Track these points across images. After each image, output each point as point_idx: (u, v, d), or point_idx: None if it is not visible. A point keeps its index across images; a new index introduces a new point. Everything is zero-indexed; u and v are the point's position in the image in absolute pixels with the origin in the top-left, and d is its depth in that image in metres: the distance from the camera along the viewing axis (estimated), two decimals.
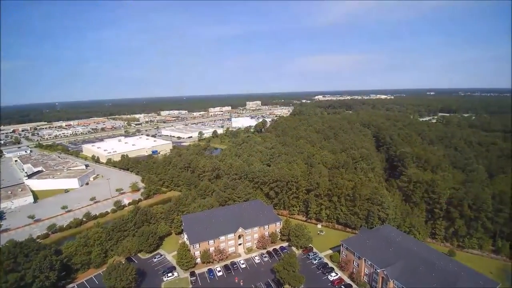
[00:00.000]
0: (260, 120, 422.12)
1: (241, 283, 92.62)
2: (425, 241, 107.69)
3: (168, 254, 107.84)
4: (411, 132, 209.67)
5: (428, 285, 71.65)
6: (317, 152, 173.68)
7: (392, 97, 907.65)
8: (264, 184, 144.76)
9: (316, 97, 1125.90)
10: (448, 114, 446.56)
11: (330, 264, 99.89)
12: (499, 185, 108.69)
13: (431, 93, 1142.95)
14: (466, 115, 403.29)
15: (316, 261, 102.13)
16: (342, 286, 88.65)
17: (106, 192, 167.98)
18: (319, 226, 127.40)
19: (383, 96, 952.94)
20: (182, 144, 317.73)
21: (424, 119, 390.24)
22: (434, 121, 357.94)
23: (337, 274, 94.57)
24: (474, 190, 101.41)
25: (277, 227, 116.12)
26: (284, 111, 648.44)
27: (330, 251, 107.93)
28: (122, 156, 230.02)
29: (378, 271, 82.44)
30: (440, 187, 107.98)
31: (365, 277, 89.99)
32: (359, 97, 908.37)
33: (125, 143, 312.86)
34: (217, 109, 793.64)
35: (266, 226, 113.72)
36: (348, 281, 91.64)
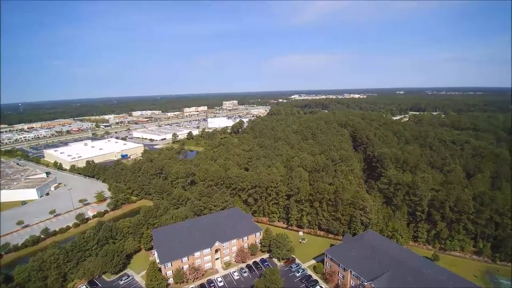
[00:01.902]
0: (237, 120, 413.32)
1: None
2: (407, 245, 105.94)
3: (137, 275, 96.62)
4: (387, 131, 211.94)
5: None
6: (296, 154, 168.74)
7: (365, 96, 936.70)
8: (242, 190, 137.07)
9: (292, 96, 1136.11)
10: (418, 113, 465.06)
11: (314, 276, 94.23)
12: (478, 185, 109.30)
13: (401, 92, 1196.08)
14: (435, 113, 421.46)
15: (299, 273, 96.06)
16: None
17: (68, 204, 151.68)
18: (300, 233, 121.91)
19: (356, 95, 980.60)
20: (155, 147, 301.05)
21: (396, 117, 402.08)
22: (406, 119, 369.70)
23: (321, 287, 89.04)
24: (455, 192, 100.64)
25: (257, 237, 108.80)
26: (261, 110, 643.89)
27: (313, 261, 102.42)
28: (87, 162, 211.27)
29: (365, 284, 77.73)
30: (421, 189, 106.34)
31: None
32: (334, 97, 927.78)
33: (92, 147, 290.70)
34: (193, 109, 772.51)
35: (245, 238, 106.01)
36: None
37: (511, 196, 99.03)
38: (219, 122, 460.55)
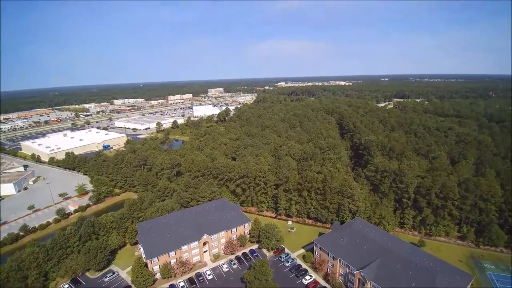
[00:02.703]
0: (223, 108, 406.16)
1: None
2: (394, 231, 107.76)
3: (122, 271, 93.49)
4: (373, 118, 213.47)
5: (406, 285, 68.70)
6: (284, 143, 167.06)
7: (351, 83, 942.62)
8: (229, 180, 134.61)
9: (279, 83, 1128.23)
10: (402, 100, 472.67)
11: (304, 266, 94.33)
12: (462, 172, 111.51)
13: (385, 79, 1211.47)
14: (418, 100, 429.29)
15: (289, 263, 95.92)
16: None
17: (48, 198, 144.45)
18: (289, 222, 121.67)
19: (342, 83, 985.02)
20: (138, 136, 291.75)
21: (381, 104, 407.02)
22: (391, 106, 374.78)
23: (311, 276, 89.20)
24: (441, 179, 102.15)
25: (245, 228, 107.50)
26: (247, 98, 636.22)
27: (302, 250, 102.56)
28: (67, 153, 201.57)
29: (355, 272, 78.21)
30: (407, 177, 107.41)
31: (340, 277, 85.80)
32: (320, 84, 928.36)
33: (72, 138, 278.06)
34: (177, 96, 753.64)
35: (234, 229, 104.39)
36: (323, 283, 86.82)
37: (495, 182, 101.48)
38: (204, 110, 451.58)
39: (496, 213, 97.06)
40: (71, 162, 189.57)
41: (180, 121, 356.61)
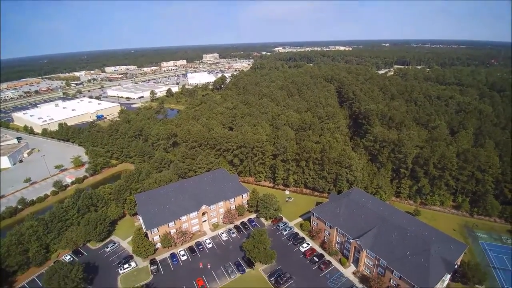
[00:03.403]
0: (219, 75, 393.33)
1: (208, 266, 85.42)
2: (390, 200, 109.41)
3: (123, 241, 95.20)
4: (373, 86, 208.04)
5: (401, 253, 70.59)
6: (282, 112, 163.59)
7: (350, 49, 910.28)
8: (227, 151, 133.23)
9: (276, 48, 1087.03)
10: (403, 66, 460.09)
11: (301, 234, 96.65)
12: (462, 142, 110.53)
13: (386, 45, 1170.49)
14: (419, 67, 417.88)
15: (287, 231, 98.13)
16: (314, 257, 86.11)
17: (44, 170, 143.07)
18: (287, 192, 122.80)
19: (341, 48, 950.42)
20: (132, 106, 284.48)
21: (381, 71, 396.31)
22: (392, 73, 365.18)
23: (308, 244, 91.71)
24: (440, 149, 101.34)
25: (243, 198, 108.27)
26: (244, 64, 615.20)
27: (300, 219, 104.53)
28: (60, 124, 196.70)
29: (351, 241, 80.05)
30: (406, 147, 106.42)
31: (336, 245, 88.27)
32: (319, 49, 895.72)
33: (64, 108, 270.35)
34: (171, 63, 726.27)
35: (232, 199, 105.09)
36: (319, 250, 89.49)
37: (493, 153, 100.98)
38: (199, 77, 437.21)
39: (492, 184, 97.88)
40: (65, 133, 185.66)
41: (175, 89, 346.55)
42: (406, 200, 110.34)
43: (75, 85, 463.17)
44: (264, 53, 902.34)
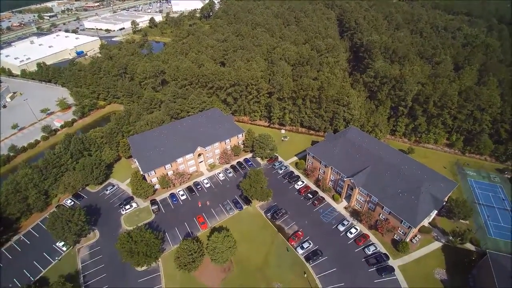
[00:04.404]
0: (207, 1, 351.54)
1: (208, 203, 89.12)
2: (385, 138, 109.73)
3: (122, 183, 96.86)
4: (378, 14, 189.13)
5: (393, 191, 73.20)
6: (278, 45, 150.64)
7: None
8: (220, 89, 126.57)
9: None
10: None
11: (296, 172, 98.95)
12: (465, 79, 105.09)
13: None
14: None
15: (282, 170, 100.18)
16: (308, 194, 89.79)
17: (30, 115, 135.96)
18: (282, 131, 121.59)
19: None
20: (113, 39, 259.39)
21: None
22: None
23: (303, 182, 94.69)
24: (443, 87, 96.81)
25: (239, 139, 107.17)
26: None
27: (295, 158, 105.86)
28: (38, 64, 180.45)
29: (345, 179, 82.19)
30: (408, 84, 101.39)
31: (330, 183, 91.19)
32: None
33: (40, 45, 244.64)
34: None
35: (228, 140, 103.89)
36: (313, 187, 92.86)
37: (495, 91, 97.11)
38: (185, 4, 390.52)
39: (489, 123, 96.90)
40: (45, 73, 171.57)
41: (158, 18, 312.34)
42: (400, 138, 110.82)
43: (48, 17, 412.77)
44: None
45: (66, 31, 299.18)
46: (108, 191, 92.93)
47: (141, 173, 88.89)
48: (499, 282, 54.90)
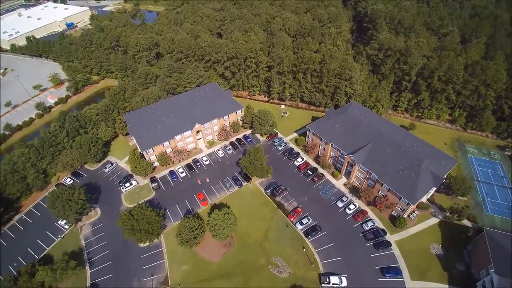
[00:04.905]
0: None
1: (207, 180, 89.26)
2: (386, 114, 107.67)
3: (120, 161, 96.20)
4: None
5: (393, 168, 72.92)
6: (277, 14, 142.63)
7: None
8: (217, 62, 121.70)
9: None
10: None
11: (296, 149, 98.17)
12: (472, 53, 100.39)
13: None
14: None
15: (282, 147, 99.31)
16: (308, 171, 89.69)
17: (23, 92, 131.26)
18: (282, 106, 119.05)
19: None
20: (103, 9, 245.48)
21: None
22: None
23: (303, 158, 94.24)
24: (448, 61, 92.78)
25: (238, 115, 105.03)
26: None
27: (295, 134, 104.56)
28: (28, 38, 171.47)
29: (345, 156, 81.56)
30: (413, 57, 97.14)
31: (330, 159, 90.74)
32: None
33: (28, 17, 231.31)
34: None
35: (226, 117, 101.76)
36: (313, 164, 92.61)
37: (502, 66, 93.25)
38: None
39: (493, 100, 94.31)
40: (35, 48, 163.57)
41: None
42: (402, 114, 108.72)
43: None
44: None
45: (54, 1, 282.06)
46: (107, 169, 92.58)
47: (139, 151, 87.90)
48: (494, 258, 56.32)
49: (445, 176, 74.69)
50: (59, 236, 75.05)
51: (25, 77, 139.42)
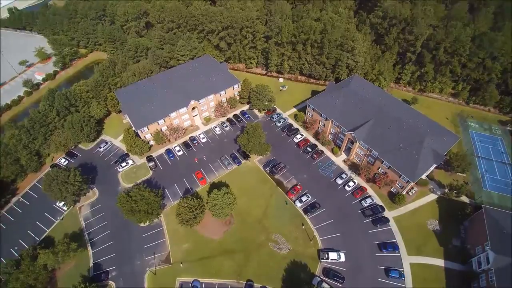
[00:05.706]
0: None
1: (204, 158, 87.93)
2: (388, 87, 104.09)
3: (115, 140, 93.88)
4: None
5: (394, 145, 71.56)
6: None
7: None
8: (211, 33, 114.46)
9: None
10: None
11: (295, 125, 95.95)
12: (481, 24, 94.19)
13: None
14: None
15: (281, 123, 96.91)
16: (307, 147, 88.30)
17: (9, 69, 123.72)
18: (280, 80, 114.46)
19: None
20: None
21: None
22: None
23: (302, 135, 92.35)
24: (456, 31, 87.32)
25: (235, 90, 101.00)
26: None
27: (294, 110, 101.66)
28: (10, 9, 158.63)
29: (346, 133, 79.74)
30: (419, 27, 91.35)
31: (330, 135, 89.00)
32: None
33: None
34: None
35: (223, 92, 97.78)
36: (312, 140, 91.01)
37: (510, 38, 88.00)
38: None
39: (499, 73, 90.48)
40: (18, 20, 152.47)
41: None
42: (405, 87, 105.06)
43: None
44: None
45: None
46: (101, 148, 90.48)
47: (134, 129, 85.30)
48: (491, 236, 57.13)
49: (446, 153, 73.67)
50: (58, 217, 74.98)
51: (10, 53, 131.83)
